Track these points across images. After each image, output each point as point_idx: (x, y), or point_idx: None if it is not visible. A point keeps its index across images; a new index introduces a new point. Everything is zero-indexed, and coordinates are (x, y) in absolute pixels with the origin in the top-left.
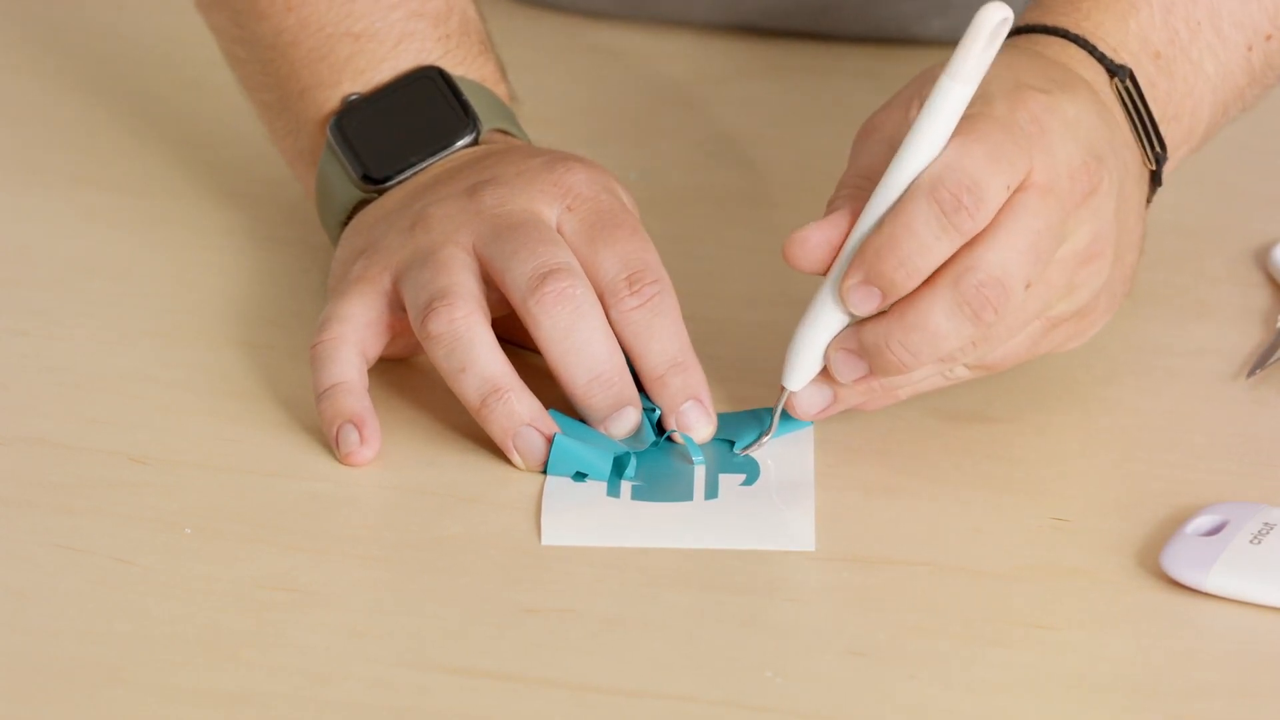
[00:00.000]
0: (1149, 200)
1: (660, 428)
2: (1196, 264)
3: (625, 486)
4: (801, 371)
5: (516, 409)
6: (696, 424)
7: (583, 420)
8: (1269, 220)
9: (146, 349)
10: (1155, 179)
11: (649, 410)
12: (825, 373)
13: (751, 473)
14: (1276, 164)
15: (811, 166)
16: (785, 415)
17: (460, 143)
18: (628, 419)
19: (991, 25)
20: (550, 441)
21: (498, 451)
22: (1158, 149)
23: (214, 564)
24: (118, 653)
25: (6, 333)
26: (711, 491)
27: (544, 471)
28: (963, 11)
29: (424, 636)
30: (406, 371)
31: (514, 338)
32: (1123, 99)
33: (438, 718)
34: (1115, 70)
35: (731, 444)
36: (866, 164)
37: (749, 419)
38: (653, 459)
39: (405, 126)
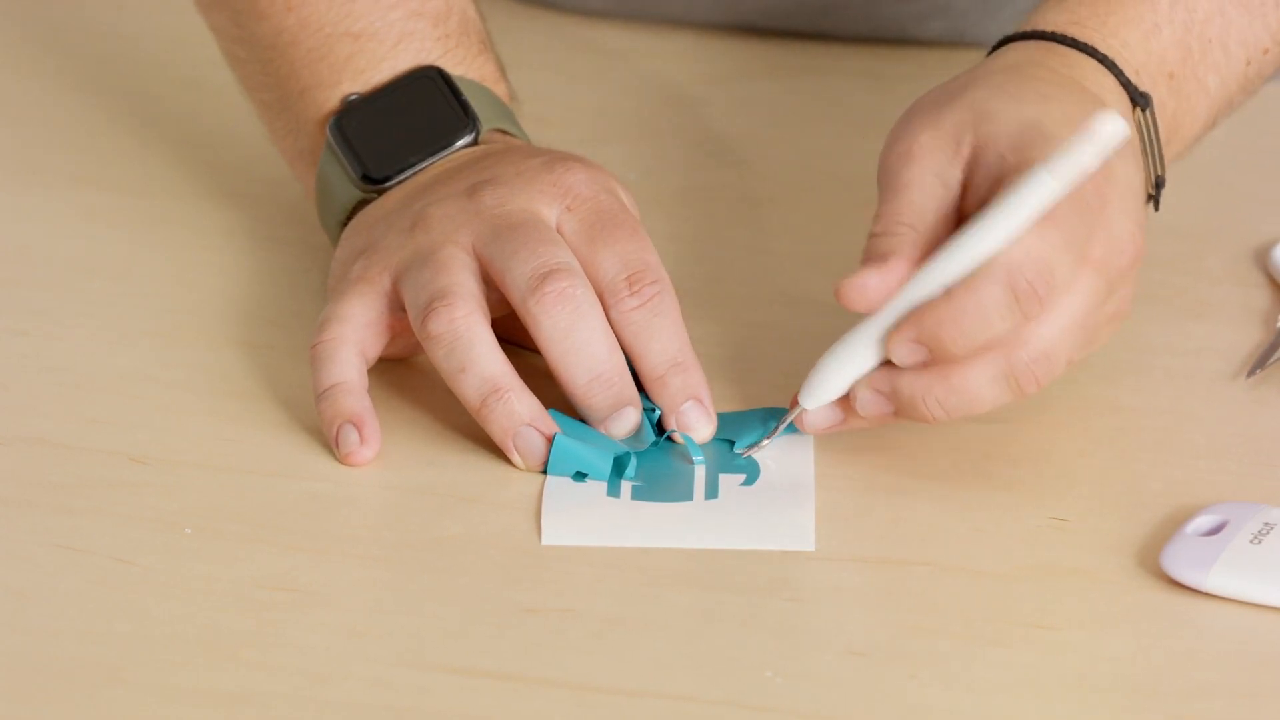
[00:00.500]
0: None
1: (660, 428)
2: (1196, 264)
3: (625, 486)
4: (822, 395)
5: (516, 409)
6: (696, 424)
7: (583, 420)
8: (1269, 220)
9: (146, 349)
10: (1153, 201)
11: (649, 410)
12: (843, 398)
13: (752, 473)
14: (1276, 164)
15: (811, 166)
16: (780, 416)
17: (460, 143)
18: (628, 419)
19: (1105, 137)
20: (550, 441)
21: (498, 451)
22: (1159, 171)
23: (214, 564)
24: (118, 653)
25: (6, 333)
26: (711, 491)
27: (544, 471)
28: (962, 15)
29: (424, 636)
30: (406, 371)
31: (514, 338)
32: (1142, 130)
33: (438, 718)
34: (1138, 99)
35: (732, 444)
36: (917, 201)
37: (749, 419)
38: (653, 459)
39: (405, 126)
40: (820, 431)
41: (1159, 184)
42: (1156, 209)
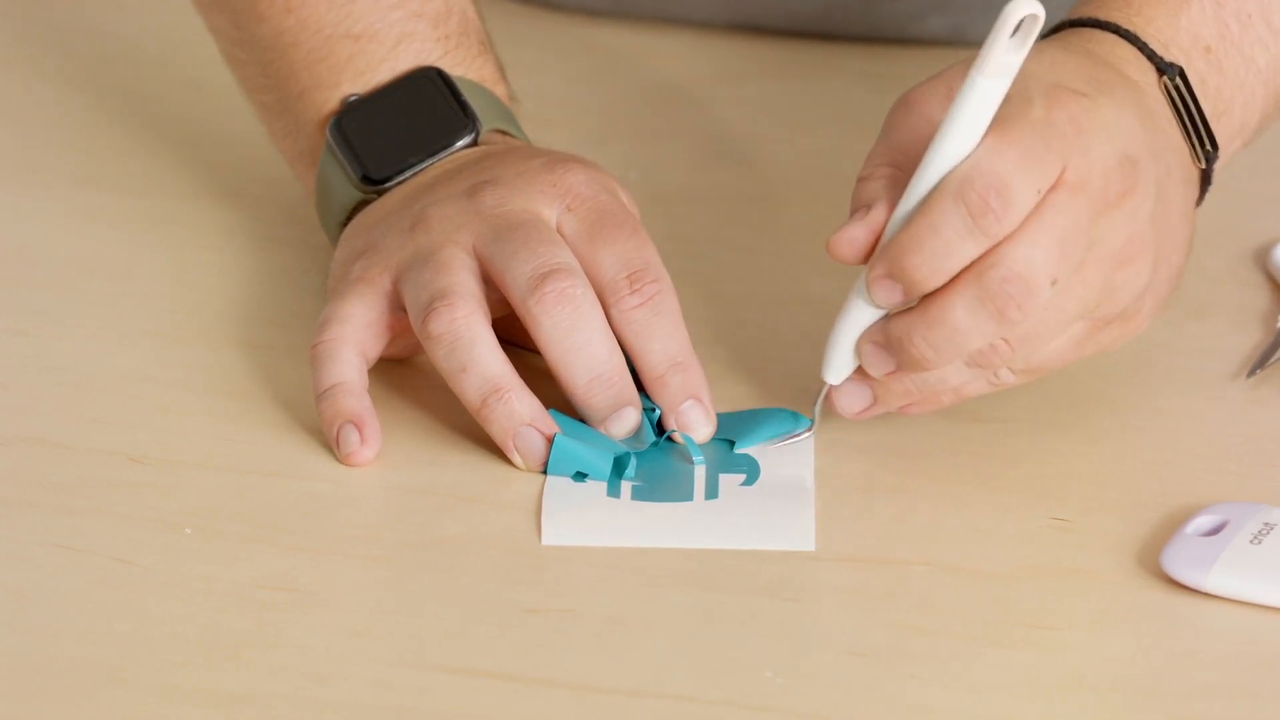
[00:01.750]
0: (1201, 199)
1: (660, 428)
2: (1196, 264)
3: (625, 486)
4: (837, 365)
5: (517, 409)
6: (696, 424)
7: (583, 420)
8: (1269, 220)
9: (146, 349)
10: (1206, 177)
11: (649, 410)
12: (865, 373)
13: (751, 473)
14: (1276, 164)
15: (811, 166)
16: (785, 416)
17: (460, 143)
18: (628, 419)
19: (1014, 20)
20: (550, 441)
21: (498, 451)
22: (1208, 147)
23: (214, 564)
24: (118, 653)
25: (6, 333)
26: (712, 491)
27: (544, 471)
28: (962, 10)
29: (424, 636)
30: (406, 371)
31: (514, 338)
32: (1171, 98)
33: (438, 718)
34: (1165, 68)
35: (732, 444)
36: (903, 139)
37: (749, 419)
38: (653, 459)
39: (405, 127)
40: (855, 415)
41: (1209, 158)
42: (1209, 181)
